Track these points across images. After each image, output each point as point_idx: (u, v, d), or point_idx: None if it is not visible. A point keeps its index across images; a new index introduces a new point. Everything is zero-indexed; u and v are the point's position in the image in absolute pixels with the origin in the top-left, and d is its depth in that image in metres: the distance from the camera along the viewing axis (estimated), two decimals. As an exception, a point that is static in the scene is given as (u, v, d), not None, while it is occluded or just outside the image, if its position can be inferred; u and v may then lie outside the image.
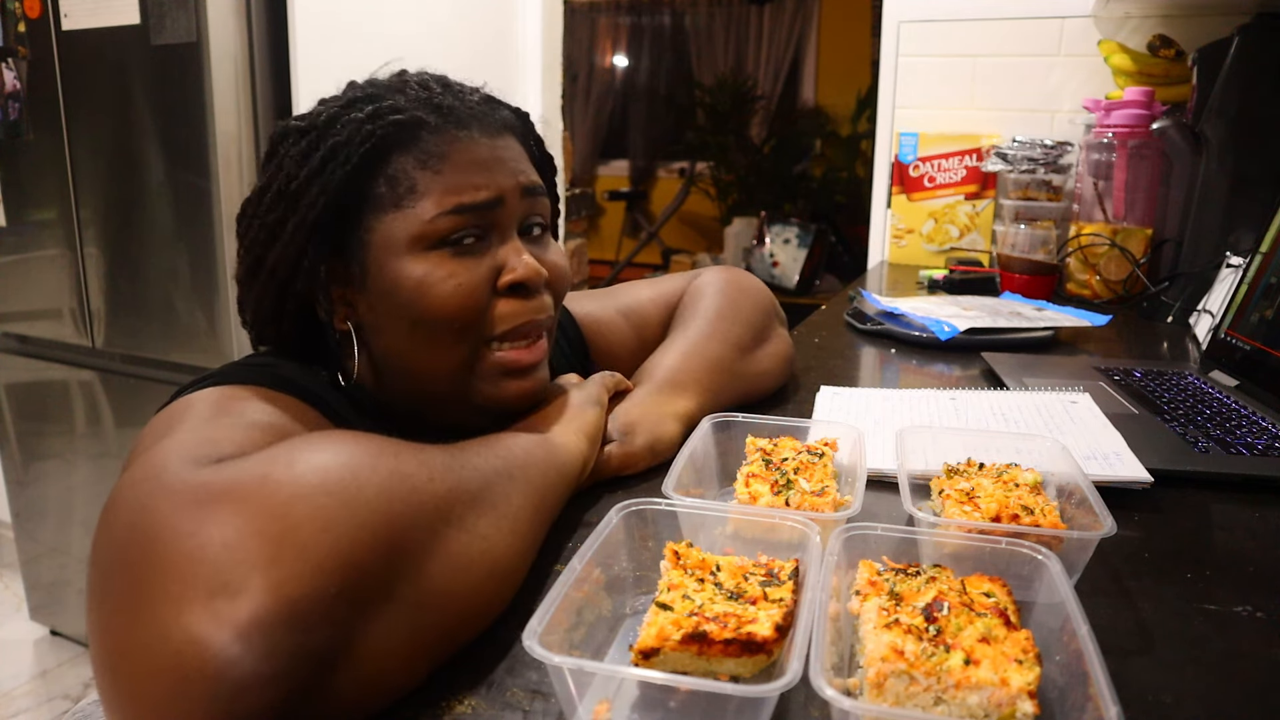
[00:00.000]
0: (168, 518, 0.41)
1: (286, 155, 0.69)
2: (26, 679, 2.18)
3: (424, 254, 0.67)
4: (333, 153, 0.67)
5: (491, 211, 0.69)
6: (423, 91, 0.70)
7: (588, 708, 0.44)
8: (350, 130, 0.67)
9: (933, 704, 0.41)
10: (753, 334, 0.94)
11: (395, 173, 0.67)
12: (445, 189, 0.67)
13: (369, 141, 0.67)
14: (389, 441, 0.50)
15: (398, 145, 0.68)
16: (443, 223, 0.67)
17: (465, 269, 0.68)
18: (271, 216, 0.68)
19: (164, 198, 1.83)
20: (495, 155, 0.70)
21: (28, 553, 2.34)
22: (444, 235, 0.67)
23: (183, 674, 0.37)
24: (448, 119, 0.69)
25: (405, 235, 0.67)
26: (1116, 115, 1.64)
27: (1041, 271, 1.64)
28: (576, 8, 6.49)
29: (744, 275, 1.02)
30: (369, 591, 0.42)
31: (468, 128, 0.69)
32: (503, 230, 0.70)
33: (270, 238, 0.69)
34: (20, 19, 1.91)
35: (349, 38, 1.98)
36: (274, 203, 0.69)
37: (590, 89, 6.62)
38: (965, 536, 0.56)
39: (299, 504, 0.41)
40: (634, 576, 0.55)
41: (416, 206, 0.67)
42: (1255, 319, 1.07)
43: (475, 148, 0.69)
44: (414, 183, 0.67)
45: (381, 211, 0.68)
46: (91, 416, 2.12)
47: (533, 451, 0.61)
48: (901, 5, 2.10)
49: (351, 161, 0.66)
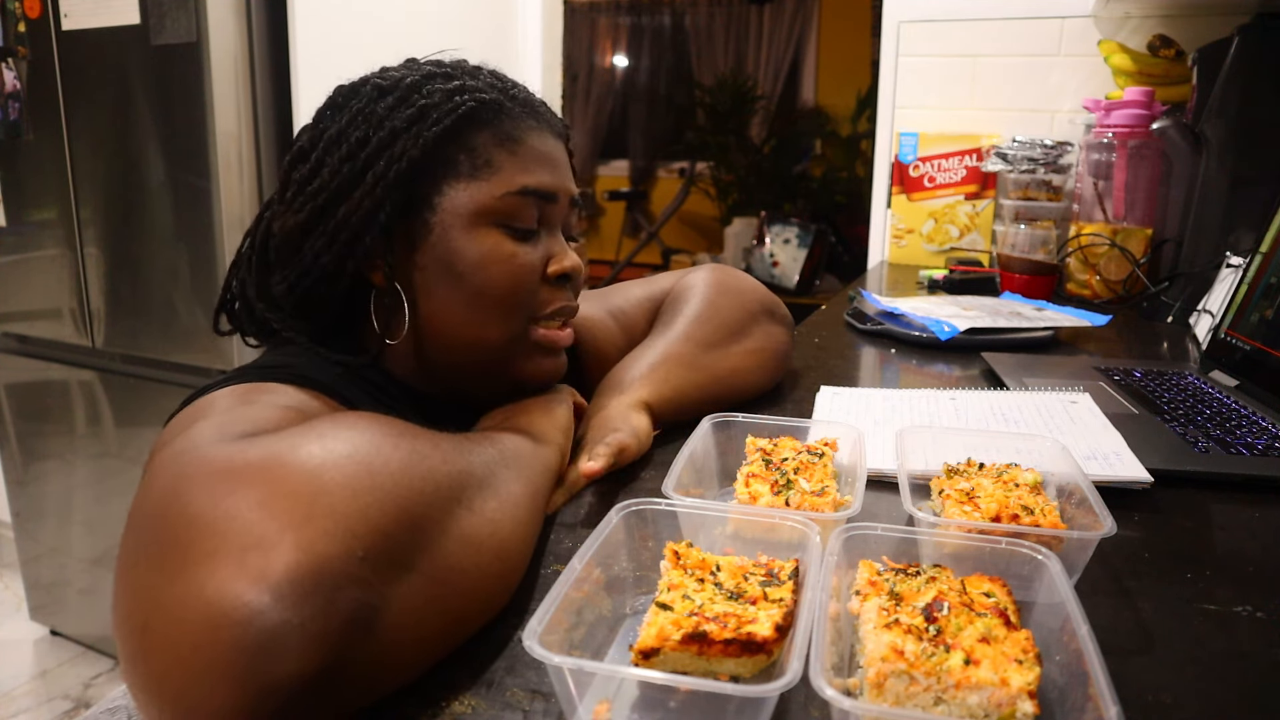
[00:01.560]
0: (203, 483, 0.43)
1: (366, 110, 0.70)
2: (26, 679, 2.18)
3: (487, 229, 0.71)
4: (422, 113, 0.69)
5: (550, 204, 0.74)
6: (496, 80, 0.75)
7: (588, 708, 0.44)
8: (440, 96, 0.70)
9: (933, 704, 0.41)
10: (725, 332, 0.93)
11: (475, 145, 0.71)
12: (518, 169, 0.71)
13: (459, 110, 0.70)
14: (406, 424, 0.52)
15: (481, 121, 0.71)
16: (511, 201, 0.71)
17: (523, 252, 0.72)
18: (349, 166, 0.69)
19: (164, 198, 1.83)
20: (559, 155, 0.76)
21: (28, 553, 2.34)
22: (508, 214, 0.71)
23: (212, 624, 0.37)
24: (524, 108, 0.74)
25: (474, 206, 0.70)
26: (1116, 115, 1.64)
27: (1041, 271, 1.64)
28: (576, 8, 6.49)
29: (731, 274, 1.02)
30: (393, 559, 0.43)
31: (540, 121, 0.75)
32: (552, 225, 0.75)
33: (348, 186, 0.69)
34: (20, 19, 1.91)
35: (349, 38, 1.98)
36: (353, 152, 0.69)
37: (590, 89, 6.62)
38: (965, 536, 0.56)
39: (330, 471, 0.43)
40: (634, 576, 0.55)
41: (490, 180, 0.70)
42: (1255, 319, 1.07)
43: (545, 141, 0.74)
44: (491, 157, 0.71)
45: (456, 179, 0.70)
46: (91, 416, 2.12)
47: (522, 445, 0.63)
48: (901, 5, 2.10)
49: (443, 124, 0.69)
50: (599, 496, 0.72)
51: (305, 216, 0.70)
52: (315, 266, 0.70)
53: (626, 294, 1.03)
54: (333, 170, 0.69)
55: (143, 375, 1.99)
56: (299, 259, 0.71)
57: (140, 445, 2.06)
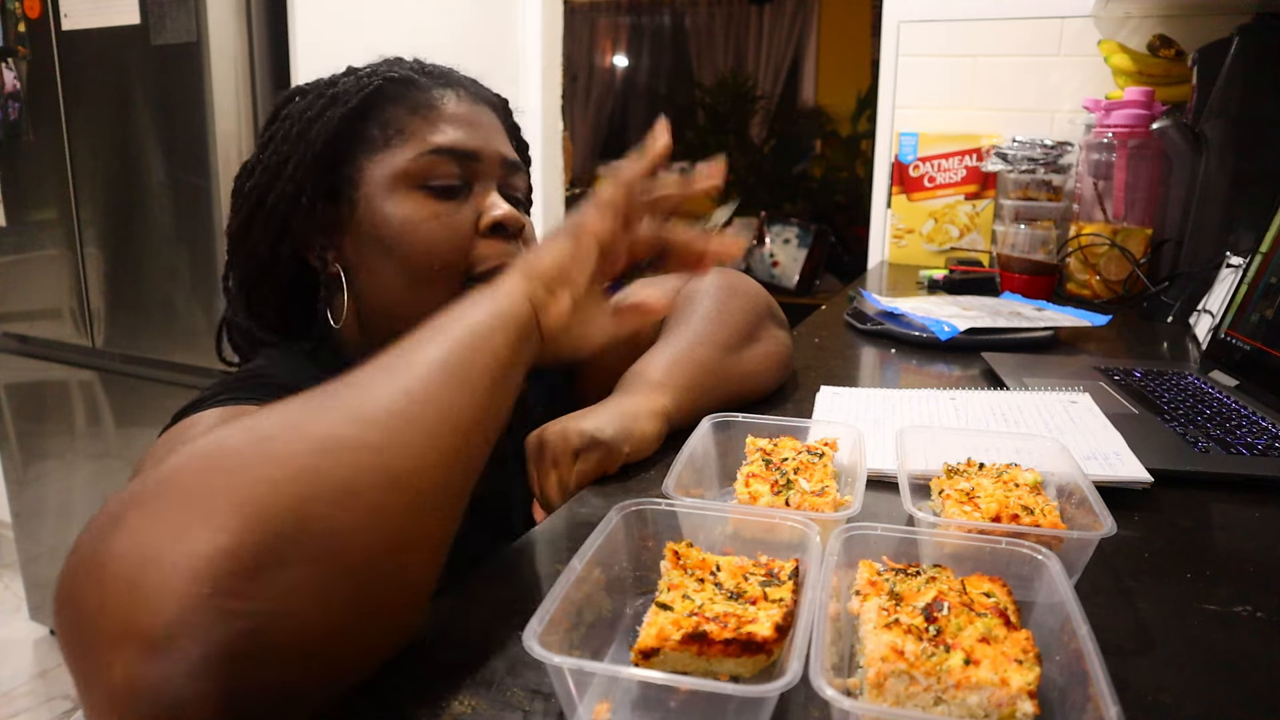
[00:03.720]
0: (64, 594, 0.40)
1: (289, 113, 0.76)
2: (26, 679, 2.18)
3: (408, 193, 0.73)
4: (333, 100, 0.74)
5: (472, 162, 0.75)
6: (417, 64, 0.80)
7: (588, 708, 0.44)
8: (350, 82, 0.76)
9: (933, 704, 0.41)
10: (740, 336, 0.93)
11: (387, 118, 0.75)
12: (429, 131, 0.74)
13: (367, 88, 0.74)
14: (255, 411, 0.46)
15: (391, 96, 0.75)
16: (424, 161, 0.73)
17: (447, 210, 0.74)
18: (274, 160, 0.75)
19: (164, 198, 1.83)
20: (481, 118, 0.78)
21: (28, 553, 2.34)
22: (425, 175, 0.73)
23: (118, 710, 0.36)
24: (436, 79, 0.78)
25: (390, 173, 0.73)
26: (1116, 115, 1.64)
27: (1041, 271, 1.64)
28: (576, 8, 6.48)
29: (739, 277, 1.02)
30: (247, 571, 0.38)
31: (455, 88, 0.78)
32: (484, 182, 0.77)
33: (273, 178, 0.75)
34: (20, 19, 1.91)
35: (349, 38, 1.98)
36: (278, 148, 0.75)
37: (590, 89, 6.61)
38: (965, 536, 0.56)
39: (155, 520, 0.39)
40: (634, 576, 0.55)
41: (403, 146, 0.74)
42: (1255, 319, 1.07)
43: (463, 104, 0.77)
44: (402, 126, 0.74)
45: (372, 152, 0.74)
46: (91, 416, 2.12)
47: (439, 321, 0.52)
48: (901, 5, 2.10)
49: (349, 104, 0.73)
50: (599, 497, 0.72)
51: (244, 215, 0.77)
52: (254, 256, 0.76)
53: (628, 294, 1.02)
54: (263, 168, 0.76)
55: (143, 375, 1.99)
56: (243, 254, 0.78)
57: (140, 445, 2.05)
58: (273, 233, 0.75)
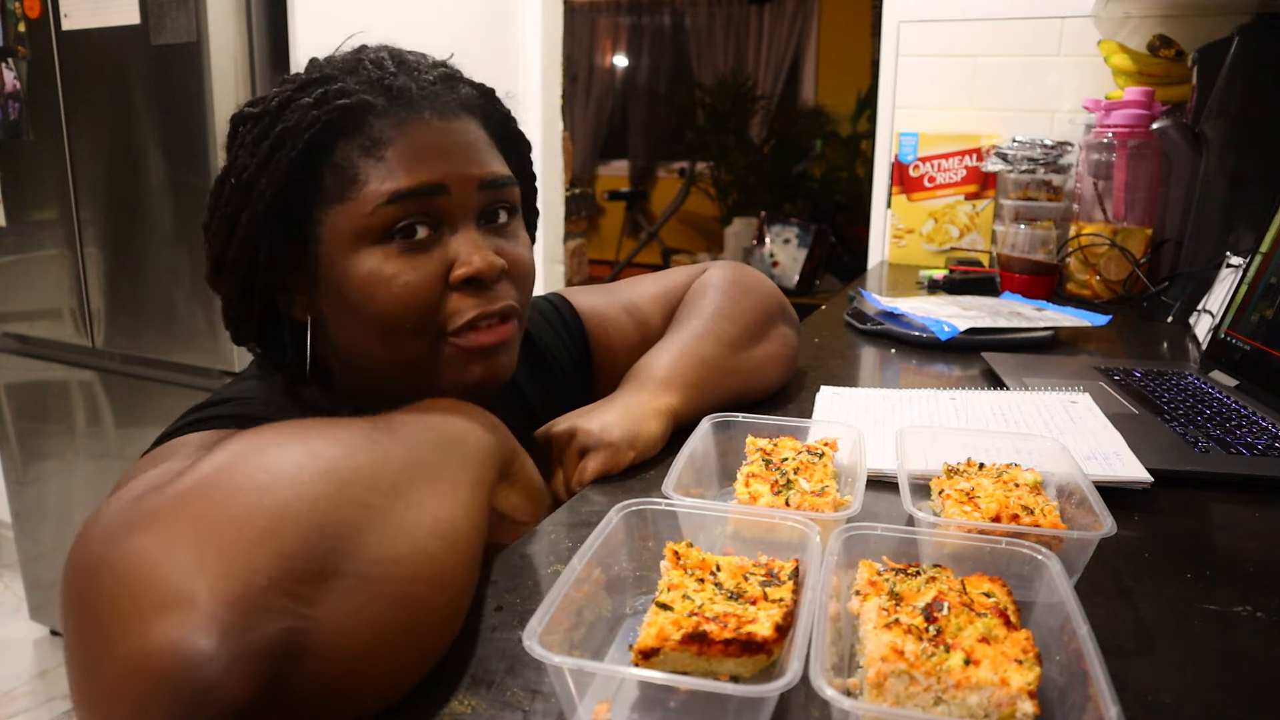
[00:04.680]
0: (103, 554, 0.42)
1: (240, 144, 0.68)
2: (26, 679, 2.18)
3: (370, 249, 0.65)
4: (279, 141, 0.65)
5: (436, 199, 0.66)
6: (375, 71, 0.68)
7: (588, 708, 0.44)
8: (298, 116, 0.65)
9: (933, 704, 0.41)
10: (749, 333, 0.93)
11: (340, 161, 0.66)
12: (384, 176, 0.65)
13: (314, 128, 0.64)
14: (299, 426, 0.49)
15: (343, 132, 0.66)
16: (383, 213, 0.64)
17: (412, 267, 0.65)
18: (229, 209, 0.67)
19: (164, 198, 1.83)
20: (448, 140, 0.67)
21: (28, 553, 2.34)
22: (388, 227, 0.65)
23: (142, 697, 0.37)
24: (395, 101, 0.67)
25: (350, 230, 0.65)
26: (1116, 115, 1.64)
27: (1041, 271, 1.64)
28: (576, 8, 6.48)
29: (749, 272, 1.01)
30: (304, 575, 0.41)
31: (419, 110, 0.67)
32: (454, 220, 0.67)
33: (229, 231, 0.67)
34: (20, 19, 1.91)
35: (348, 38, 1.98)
36: (231, 195, 0.67)
37: (590, 89, 6.62)
38: (965, 536, 0.56)
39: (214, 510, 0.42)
40: (634, 576, 0.55)
41: (359, 198, 0.65)
42: (1255, 319, 1.07)
43: (424, 131, 0.66)
44: (357, 172, 0.65)
45: (329, 204, 0.66)
46: (91, 416, 2.12)
47: (462, 429, 0.60)
48: (901, 5, 2.09)
49: (296, 149, 0.64)
50: (599, 496, 0.72)
51: (210, 264, 0.70)
52: (230, 306, 0.71)
53: (640, 289, 1.01)
54: (221, 215, 0.68)
55: (143, 375, 1.99)
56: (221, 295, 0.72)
57: (140, 445, 2.04)
58: (239, 281, 0.69)
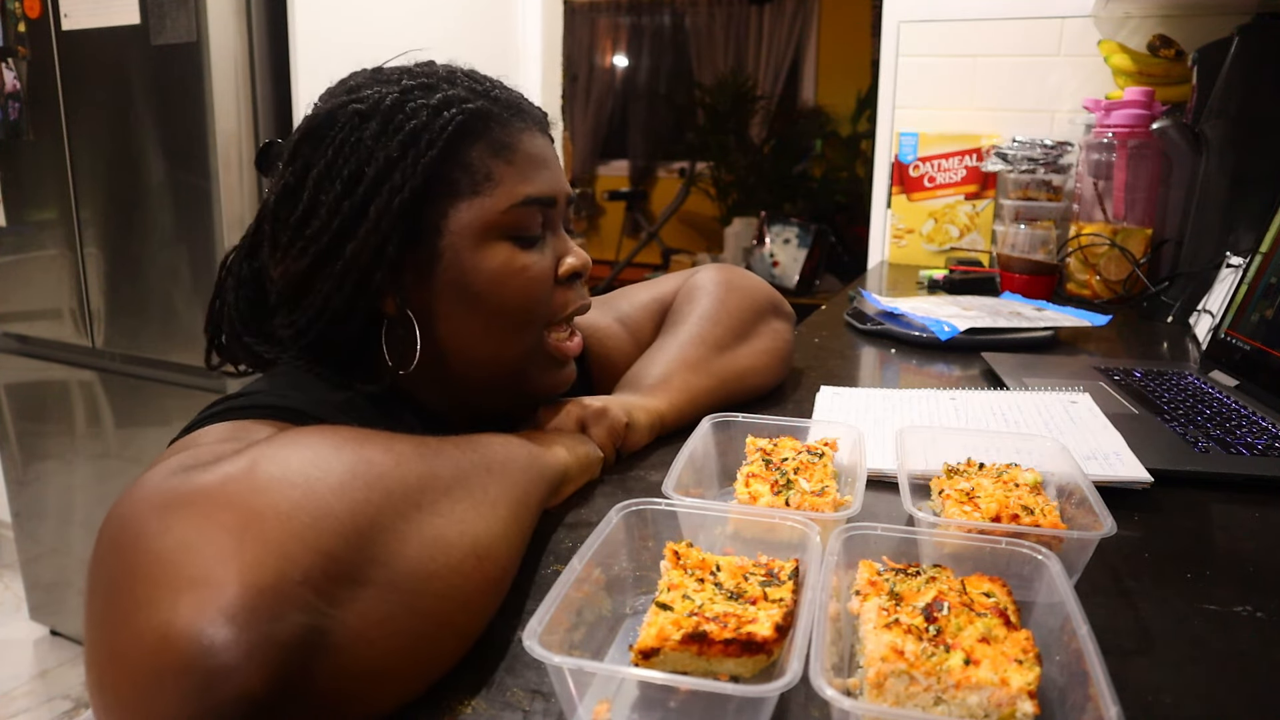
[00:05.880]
0: (141, 525, 0.43)
1: (351, 140, 0.66)
2: (26, 679, 2.18)
3: (497, 244, 0.70)
4: (413, 137, 0.66)
5: (550, 209, 0.73)
6: (474, 82, 0.72)
7: (588, 708, 0.44)
8: (428, 115, 0.67)
9: (933, 704, 0.41)
10: (735, 332, 0.94)
11: (472, 160, 0.68)
12: (518, 179, 0.70)
13: (450, 126, 0.67)
14: (355, 431, 0.50)
15: (473, 133, 0.69)
16: (516, 214, 0.70)
17: (532, 261, 0.71)
18: (348, 204, 0.65)
19: (164, 198, 1.83)
20: (551, 154, 0.75)
21: (28, 553, 2.34)
22: (515, 226, 0.70)
23: (158, 668, 0.37)
24: (509, 110, 0.71)
25: (481, 224, 0.69)
26: (1116, 115, 1.64)
27: (1041, 271, 1.64)
28: (576, 8, 6.48)
29: (737, 272, 1.02)
30: (338, 576, 0.41)
31: (526, 121, 0.72)
32: (555, 225, 0.75)
33: (351, 225, 0.66)
34: (20, 19, 1.91)
35: (349, 38, 1.98)
36: (349, 188, 0.66)
37: (590, 89, 6.62)
38: (965, 536, 0.56)
39: (259, 496, 0.42)
40: (634, 576, 0.55)
41: (493, 195, 0.69)
42: (1255, 319, 1.07)
43: (536, 141, 0.73)
44: (490, 171, 0.69)
45: (458, 198, 0.68)
46: (91, 416, 2.12)
47: (514, 452, 0.61)
48: (901, 5, 2.10)
49: (436, 146, 0.66)
50: (599, 496, 0.72)
51: (310, 261, 0.66)
52: (326, 309, 0.67)
53: (632, 299, 1.02)
54: (330, 209, 0.66)
55: (143, 375, 1.99)
56: (307, 303, 0.68)
57: (140, 445, 2.06)
58: (350, 285, 0.66)
